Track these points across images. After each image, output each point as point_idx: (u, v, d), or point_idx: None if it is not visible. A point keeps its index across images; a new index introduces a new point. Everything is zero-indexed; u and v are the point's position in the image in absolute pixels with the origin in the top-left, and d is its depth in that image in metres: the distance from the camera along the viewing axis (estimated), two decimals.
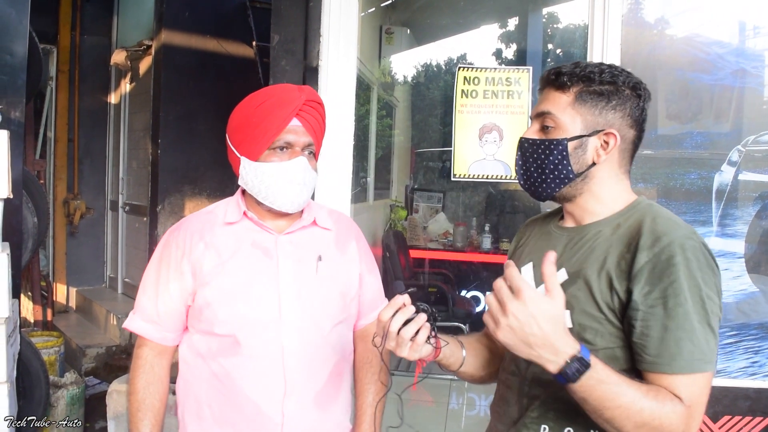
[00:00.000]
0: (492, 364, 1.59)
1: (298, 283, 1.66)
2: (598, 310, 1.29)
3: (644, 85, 1.40)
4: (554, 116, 1.37)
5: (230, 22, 6.18)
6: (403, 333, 1.28)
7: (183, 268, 1.66)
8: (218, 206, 1.77)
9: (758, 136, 2.65)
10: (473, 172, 2.97)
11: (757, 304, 2.65)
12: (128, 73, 6.47)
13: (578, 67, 1.37)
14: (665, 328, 1.22)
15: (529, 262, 1.48)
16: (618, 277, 1.28)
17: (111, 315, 5.75)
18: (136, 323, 1.71)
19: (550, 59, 8.67)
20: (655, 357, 1.23)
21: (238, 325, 1.61)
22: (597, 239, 1.36)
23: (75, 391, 3.98)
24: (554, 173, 1.38)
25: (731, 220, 2.65)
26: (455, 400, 4.60)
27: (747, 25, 2.70)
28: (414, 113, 8.40)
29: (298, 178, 1.62)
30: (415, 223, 5.98)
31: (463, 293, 5.94)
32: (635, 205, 1.39)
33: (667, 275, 1.23)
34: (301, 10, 2.79)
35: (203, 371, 1.67)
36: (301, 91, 1.64)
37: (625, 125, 1.37)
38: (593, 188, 1.39)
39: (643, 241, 1.26)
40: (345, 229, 1.81)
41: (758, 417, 2.62)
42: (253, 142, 1.63)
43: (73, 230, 6.52)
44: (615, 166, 1.39)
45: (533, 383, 1.40)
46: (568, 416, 1.33)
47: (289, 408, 1.62)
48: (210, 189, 6.23)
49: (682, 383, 1.21)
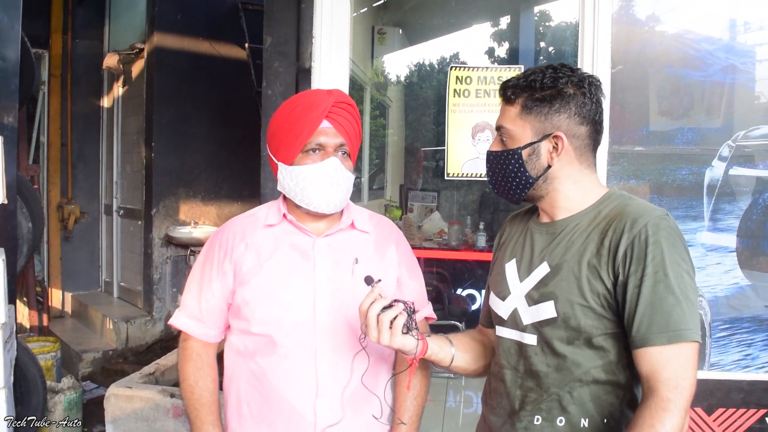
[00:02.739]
0: (484, 357, 1.66)
1: (334, 284, 1.69)
2: (582, 298, 1.36)
3: (592, 80, 1.45)
4: (507, 129, 1.47)
5: (223, 24, 6.18)
6: (382, 318, 1.39)
7: (225, 267, 1.71)
8: (261, 209, 1.82)
9: (748, 131, 2.67)
10: (466, 171, 2.98)
11: (748, 298, 2.67)
12: (121, 77, 6.46)
13: (522, 78, 1.45)
14: (651, 303, 1.29)
15: (512, 259, 1.55)
16: (601, 264, 1.35)
17: (107, 319, 5.75)
18: (180, 320, 1.77)
19: (542, 57, 8.68)
20: (645, 333, 1.29)
21: (274, 325, 1.65)
22: (575, 232, 1.43)
23: (72, 396, 3.98)
24: (516, 180, 1.47)
25: (722, 215, 2.67)
26: (452, 398, 4.61)
27: (736, 21, 2.72)
28: (407, 113, 8.40)
29: (330, 179, 1.65)
30: (409, 222, 5.98)
31: (458, 291, 5.94)
32: (608, 197, 1.46)
33: (648, 253, 1.30)
34: (293, 12, 2.80)
35: (243, 369, 1.71)
36: (330, 94, 1.69)
37: (573, 124, 1.42)
38: (558, 187, 1.46)
39: (622, 225, 1.34)
40: (385, 232, 1.83)
41: (752, 409, 2.64)
42: (287, 147, 1.67)
43: (68, 235, 6.50)
44: (575, 164, 1.45)
45: (526, 376, 1.46)
46: (561, 407, 1.40)
47: (321, 408, 1.64)
48: (205, 191, 6.23)
49: (672, 355, 1.27)
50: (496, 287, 1.58)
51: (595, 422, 1.38)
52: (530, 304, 1.44)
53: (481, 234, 5.05)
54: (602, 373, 1.38)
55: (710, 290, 2.66)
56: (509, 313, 1.50)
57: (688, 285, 1.31)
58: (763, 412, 2.64)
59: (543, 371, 1.42)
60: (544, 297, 1.41)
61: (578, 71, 1.45)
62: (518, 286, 1.49)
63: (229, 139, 6.16)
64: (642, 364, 1.30)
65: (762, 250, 2.67)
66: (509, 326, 1.50)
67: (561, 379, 1.40)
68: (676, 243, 1.33)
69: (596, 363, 1.37)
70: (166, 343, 5.80)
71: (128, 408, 3.36)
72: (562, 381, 1.40)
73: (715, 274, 2.66)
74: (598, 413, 1.38)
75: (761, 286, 2.67)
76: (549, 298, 1.40)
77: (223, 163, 6.26)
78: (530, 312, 1.44)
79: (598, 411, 1.38)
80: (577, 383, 1.38)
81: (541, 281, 1.43)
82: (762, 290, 2.67)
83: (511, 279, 1.52)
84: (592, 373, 1.38)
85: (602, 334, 1.36)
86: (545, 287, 1.42)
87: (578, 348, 1.38)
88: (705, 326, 2.66)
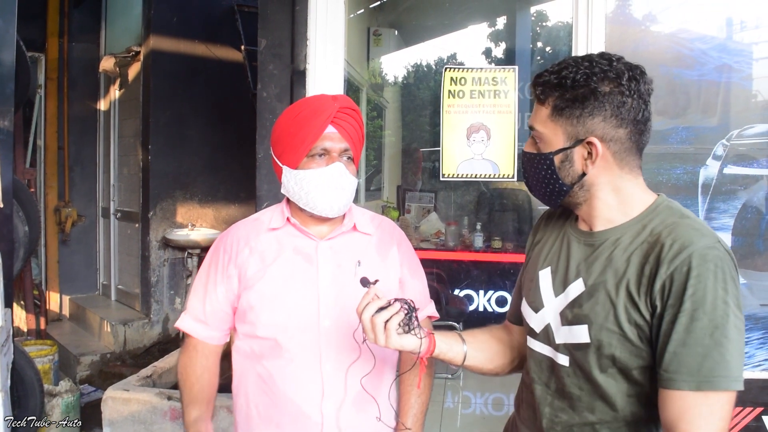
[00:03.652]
0: (504, 356, 1.59)
1: (337, 288, 1.70)
2: (618, 327, 1.25)
3: (633, 74, 1.30)
4: (538, 131, 1.35)
5: (219, 26, 6.18)
6: (375, 320, 1.35)
7: (230, 272, 1.74)
8: (265, 213, 1.84)
9: (742, 130, 2.68)
10: (462, 172, 2.98)
11: (743, 297, 2.66)
12: (117, 80, 6.46)
13: (554, 73, 1.31)
14: (683, 342, 1.16)
15: (548, 267, 1.44)
16: (639, 294, 1.23)
17: (105, 322, 5.74)
18: (186, 322, 1.80)
19: (539, 57, 8.69)
20: (672, 374, 1.17)
21: (279, 329, 1.68)
22: (615, 249, 1.30)
23: (70, 399, 3.98)
24: (549, 186, 1.36)
25: (717, 214, 2.68)
26: (450, 399, 4.61)
27: (730, 21, 2.73)
28: (404, 114, 8.40)
29: (335, 183, 1.68)
30: (406, 223, 5.99)
31: (456, 292, 5.94)
32: (653, 209, 1.31)
33: (688, 287, 1.17)
34: (287, 15, 2.80)
35: (250, 372, 1.74)
36: (335, 100, 1.71)
37: (609, 127, 1.28)
38: (598, 194, 1.34)
39: (665, 253, 1.20)
40: (386, 234, 1.85)
41: (748, 407, 2.65)
42: (292, 151, 1.69)
43: (65, 238, 6.50)
44: (614, 170, 1.31)
45: (557, 395, 1.39)
46: (593, 429, 1.33)
47: (327, 409, 1.67)
48: (201, 194, 6.23)
49: (695, 404, 1.16)
50: (528, 295, 1.48)
51: None
52: (564, 323, 1.35)
53: (478, 234, 5.06)
54: (638, 404, 1.28)
55: None
56: (542, 327, 1.41)
57: (732, 326, 1.16)
58: (760, 410, 2.65)
59: (576, 394, 1.34)
60: (578, 320, 1.31)
61: (617, 63, 1.30)
62: (553, 300, 1.39)
63: (225, 141, 6.17)
64: (663, 408, 1.20)
65: (757, 248, 2.68)
66: (541, 340, 1.42)
67: (593, 405, 1.32)
68: (725, 277, 1.18)
69: (631, 393, 1.28)
70: (164, 346, 5.80)
71: (126, 411, 3.36)
72: (594, 407, 1.32)
73: None
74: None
75: (756, 284, 2.67)
76: (583, 322, 1.29)
77: (220, 166, 6.27)
78: (563, 332, 1.35)
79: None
80: (611, 411, 1.30)
81: (576, 300, 1.32)
82: (757, 289, 2.67)
83: (545, 291, 1.42)
84: (627, 402, 1.29)
85: (639, 367, 1.25)
86: (579, 309, 1.31)
87: (611, 377, 1.28)
88: None
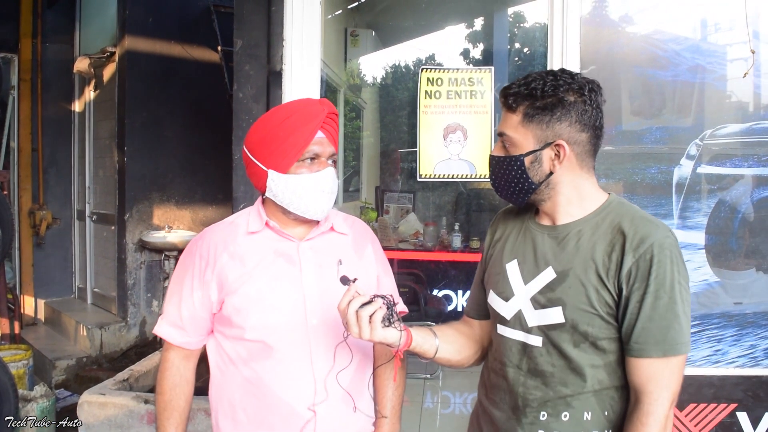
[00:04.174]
0: (468, 348, 1.72)
1: (321, 287, 1.73)
2: (591, 306, 1.44)
3: (592, 86, 1.49)
4: (509, 136, 1.51)
5: (195, 27, 6.14)
6: (361, 313, 1.43)
7: (207, 277, 1.73)
8: (239, 216, 1.83)
9: (715, 130, 2.71)
10: (439, 172, 2.99)
11: (717, 295, 2.71)
12: (92, 81, 6.39)
13: (523, 85, 1.48)
14: (650, 318, 1.40)
15: (514, 259, 1.60)
16: (608, 277, 1.44)
17: (81, 326, 5.68)
18: (162, 328, 1.79)
19: (516, 58, 8.73)
20: (642, 344, 1.41)
21: (268, 331, 1.68)
22: (580, 239, 1.49)
23: (45, 404, 3.93)
24: (518, 185, 1.52)
25: (691, 213, 2.71)
26: (430, 399, 4.62)
27: (704, 22, 2.77)
28: (383, 114, 8.40)
29: (327, 188, 1.71)
30: (385, 224, 5.99)
31: (434, 292, 5.96)
32: (608, 205, 1.52)
33: (651, 272, 1.39)
34: (263, 15, 2.79)
35: (236, 377, 1.73)
36: (323, 105, 1.73)
37: (574, 131, 1.47)
38: (561, 191, 1.52)
39: (628, 243, 1.42)
40: (360, 233, 1.89)
41: (723, 404, 2.68)
42: (282, 156, 1.69)
43: (40, 241, 6.41)
44: (576, 169, 1.51)
45: (530, 375, 1.54)
46: (566, 403, 1.50)
47: (319, 407, 1.69)
48: (179, 195, 6.18)
49: (660, 367, 1.40)
50: (497, 287, 1.63)
51: (597, 415, 1.49)
52: (536, 307, 1.51)
53: (456, 235, 5.07)
54: (604, 372, 1.48)
55: None
56: (513, 313, 1.57)
57: (686, 302, 1.42)
58: (734, 406, 2.68)
59: (549, 371, 1.51)
60: (552, 302, 1.49)
61: (578, 77, 1.49)
62: (523, 288, 1.55)
63: (203, 142, 6.12)
64: (633, 373, 1.44)
65: (730, 247, 2.71)
66: (513, 326, 1.57)
67: (566, 378, 1.49)
68: (677, 261, 1.42)
69: (599, 363, 1.47)
70: (141, 349, 5.75)
71: (102, 415, 3.32)
72: (567, 380, 1.49)
73: None
74: (600, 407, 1.49)
75: (729, 283, 2.71)
76: (557, 304, 1.47)
77: (198, 167, 6.22)
78: (537, 315, 1.51)
79: (600, 405, 1.49)
80: (582, 382, 1.48)
81: (548, 286, 1.50)
82: (730, 287, 2.71)
83: (515, 281, 1.58)
84: (595, 372, 1.48)
85: (606, 338, 1.46)
86: (552, 293, 1.49)
87: (583, 351, 1.47)
88: None
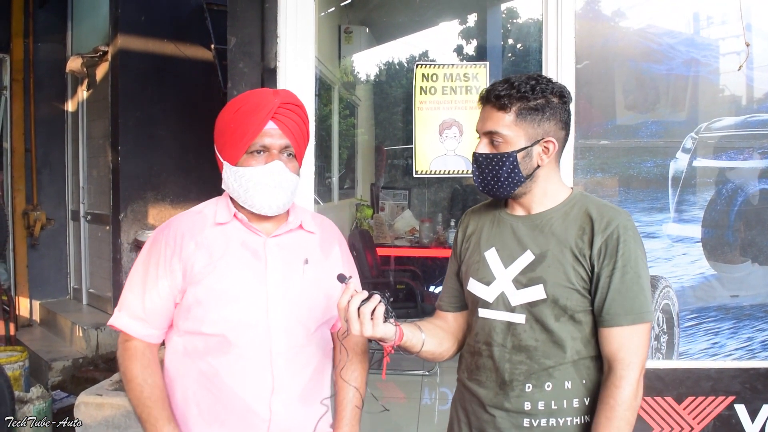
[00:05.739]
0: (448, 341, 1.82)
1: (286, 285, 1.70)
2: (569, 282, 1.61)
3: (564, 91, 1.68)
4: (501, 134, 1.63)
5: (188, 25, 6.11)
6: (363, 310, 1.47)
7: (173, 266, 1.67)
8: (207, 206, 1.79)
9: (710, 123, 2.71)
10: (435, 168, 2.98)
11: (714, 288, 2.71)
12: (85, 80, 6.36)
13: (513, 87, 1.62)
14: (619, 291, 1.58)
15: (492, 247, 1.74)
16: (581, 256, 1.61)
17: (76, 327, 5.66)
18: (122, 320, 1.71)
19: (510, 54, 8.74)
20: (613, 314, 1.59)
21: (228, 325, 1.65)
22: (553, 225, 1.67)
23: (42, 406, 3.91)
24: (509, 180, 1.66)
25: (687, 206, 2.71)
26: (428, 396, 4.63)
27: (697, 16, 2.77)
28: (377, 111, 8.41)
29: (273, 182, 1.66)
30: (381, 221, 5.99)
31: (431, 289, 5.97)
32: (573, 197, 1.71)
33: (618, 250, 1.59)
34: (257, 12, 2.77)
35: (190, 370, 1.69)
36: (276, 95, 1.69)
37: (558, 130, 1.66)
38: (540, 184, 1.69)
39: (597, 226, 1.62)
40: (328, 233, 1.87)
41: (720, 396, 2.68)
42: (232, 147, 1.67)
43: (34, 242, 6.38)
44: (553, 164, 1.70)
45: (515, 351, 1.67)
46: (549, 374, 1.64)
47: (276, 405, 1.67)
48: (173, 195, 6.15)
49: (630, 335, 1.58)
50: (477, 274, 1.75)
51: (576, 383, 1.64)
52: (518, 287, 1.66)
53: (452, 231, 5.07)
54: (581, 343, 1.64)
55: (677, 281, 2.70)
56: (496, 296, 1.69)
57: (647, 276, 1.63)
58: (732, 399, 2.68)
59: (532, 345, 1.65)
60: (533, 281, 1.63)
61: (555, 83, 1.67)
62: (503, 272, 1.69)
63: (197, 141, 6.08)
64: (605, 344, 1.61)
65: (726, 240, 2.71)
66: (496, 308, 1.70)
67: (549, 351, 1.64)
68: (639, 240, 1.63)
69: (576, 335, 1.63)
70: None
71: (99, 416, 3.31)
72: (549, 353, 1.64)
73: (682, 265, 2.70)
74: (578, 376, 1.64)
75: (726, 276, 2.71)
76: (538, 282, 1.63)
77: (192, 166, 6.20)
78: (519, 294, 1.65)
79: (578, 374, 1.64)
80: (562, 353, 1.63)
81: (528, 267, 1.65)
82: (727, 280, 2.71)
83: (495, 266, 1.71)
84: (573, 344, 1.63)
85: (582, 311, 1.62)
86: (533, 272, 1.64)
87: (563, 324, 1.63)
88: (673, 316, 2.70)
